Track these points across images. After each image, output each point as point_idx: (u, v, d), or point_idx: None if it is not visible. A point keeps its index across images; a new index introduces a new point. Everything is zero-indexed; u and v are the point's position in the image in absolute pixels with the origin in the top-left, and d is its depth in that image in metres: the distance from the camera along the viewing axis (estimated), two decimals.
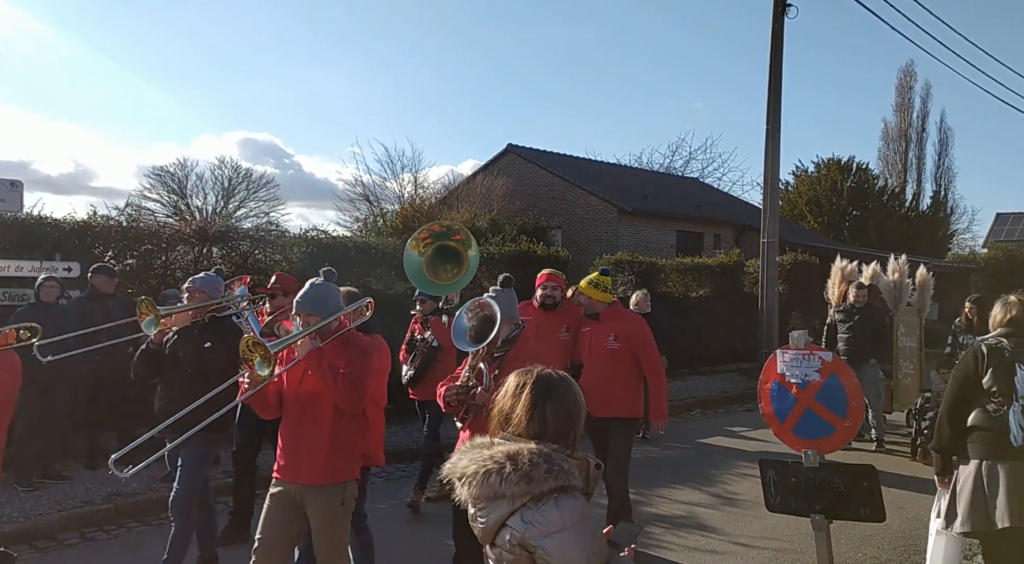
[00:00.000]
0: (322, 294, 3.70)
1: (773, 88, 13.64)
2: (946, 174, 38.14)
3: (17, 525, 5.69)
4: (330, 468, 3.59)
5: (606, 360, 5.24)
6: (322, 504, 3.59)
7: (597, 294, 5.35)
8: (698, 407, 11.69)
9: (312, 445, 3.60)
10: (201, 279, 4.76)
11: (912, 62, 38.29)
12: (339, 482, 3.63)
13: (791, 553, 5.43)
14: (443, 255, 5.03)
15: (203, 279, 4.77)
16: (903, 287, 9.90)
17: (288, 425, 3.71)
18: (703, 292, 15.58)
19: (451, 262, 5.03)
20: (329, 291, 3.75)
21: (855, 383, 3.88)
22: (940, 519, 4.00)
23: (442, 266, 5.03)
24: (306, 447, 3.61)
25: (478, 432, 3.79)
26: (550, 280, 5.66)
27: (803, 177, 34.67)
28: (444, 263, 5.03)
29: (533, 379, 2.12)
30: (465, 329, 3.85)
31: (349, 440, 3.68)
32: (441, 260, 5.03)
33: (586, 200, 22.06)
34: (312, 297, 3.67)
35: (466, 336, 3.84)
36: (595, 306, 5.37)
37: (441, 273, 5.04)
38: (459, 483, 2.00)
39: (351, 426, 3.69)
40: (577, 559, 1.90)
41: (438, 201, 23.71)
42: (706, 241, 23.23)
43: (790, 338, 4.08)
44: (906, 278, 10.00)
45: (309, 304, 3.64)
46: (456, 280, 5.03)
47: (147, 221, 11.94)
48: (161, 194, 30.90)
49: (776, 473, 3.90)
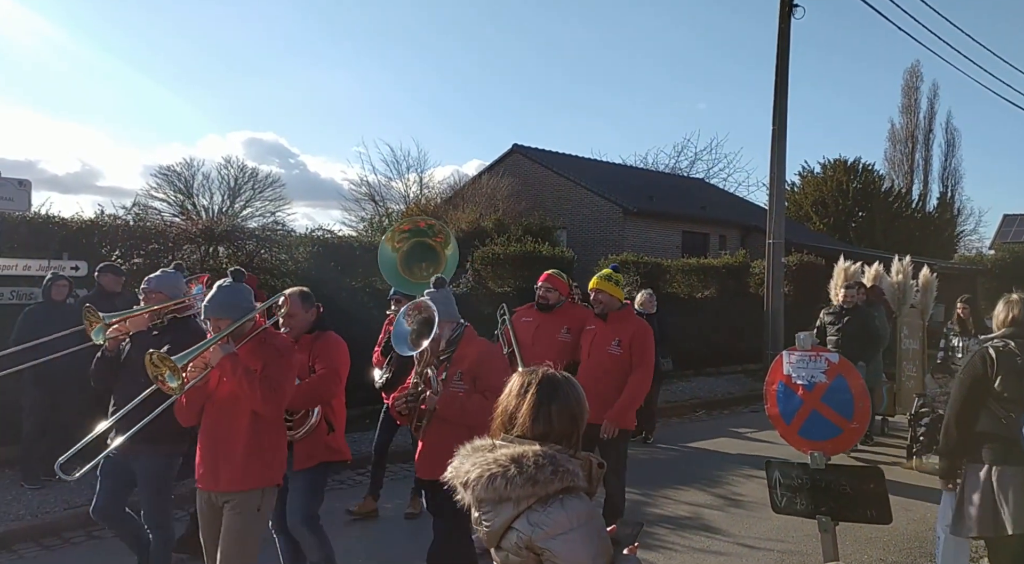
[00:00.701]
0: (232, 296, 3.57)
1: (779, 89, 13.61)
2: (953, 175, 38.08)
3: (25, 523, 5.72)
4: (247, 474, 3.52)
5: (605, 363, 5.14)
6: (237, 509, 3.52)
7: (615, 289, 5.29)
8: (703, 408, 11.67)
9: (229, 451, 3.52)
10: (157, 278, 4.40)
11: (919, 63, 38.27)
12: (257, 488, 3.55)
13: (796, 555, 5.42)
14: (419, 252, 4.87)
15: (159, 278, 4.40)
16: (907, 288, 9.85)
17: (205, 432, 3.62)
18: (708, 293, 15.56)
19: (427, 260, 4.87)
20: (239, 293, 3.60)
21: (862, 385, 3.88)
22: (948, 523, 3.98)
23: (417, 264, 4.88)
24: (223, 454, 3.53)
25: (433, 439, 3.82)
26: (547, 281, 5.57)
27: (809, 178, 34.59)
28: (419, 261, 4.88)
29: (538, 379, 2.11)
30: (406, 333, 3.80)
31: (268, 445, 3.59)
32: (417, 257, 4.88)
33: (591, 200, 22.04)
34: (221, 301, 3.54)
35: (408, 340, 3.78)
36: (612, 304, 5.28)
37: (416, 271, 4.88)
38: (462, 487, 2.00)
39: (271, 431, 3.59)
40: (584, 559, 1.91)
41: (444, 201, 23.74)
42: (711, 242, 23.18)
43: (796, 340, 4.07)
44: (910, 279, 9.94)
45: (218, 308, 3.52)
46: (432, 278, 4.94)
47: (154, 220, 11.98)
48: (168, 193, 31.07)
49: (782, 474, 3.90)
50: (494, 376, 3.80)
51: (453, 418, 3.77)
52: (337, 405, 4.32)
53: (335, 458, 4.30)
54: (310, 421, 4.15)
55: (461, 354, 3.89)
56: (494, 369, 3.87)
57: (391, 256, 4.85)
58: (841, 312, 8.67)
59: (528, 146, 24.55)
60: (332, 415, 4.27)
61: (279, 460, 3.70)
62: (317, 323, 4.31)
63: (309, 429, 4.14)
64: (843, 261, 10.22)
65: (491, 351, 4.09)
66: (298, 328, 4.22)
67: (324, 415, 4.21)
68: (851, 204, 32.72)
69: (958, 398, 3.83)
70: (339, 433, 4.33)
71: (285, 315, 4.18)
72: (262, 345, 3.62)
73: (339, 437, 4.33)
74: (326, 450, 4.23)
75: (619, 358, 5.13)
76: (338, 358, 4.22)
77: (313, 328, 4.29)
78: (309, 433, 4.14)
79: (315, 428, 4.16)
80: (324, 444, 4.22)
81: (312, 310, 4.28)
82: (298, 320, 4.21)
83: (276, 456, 3.66)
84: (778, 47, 13.62)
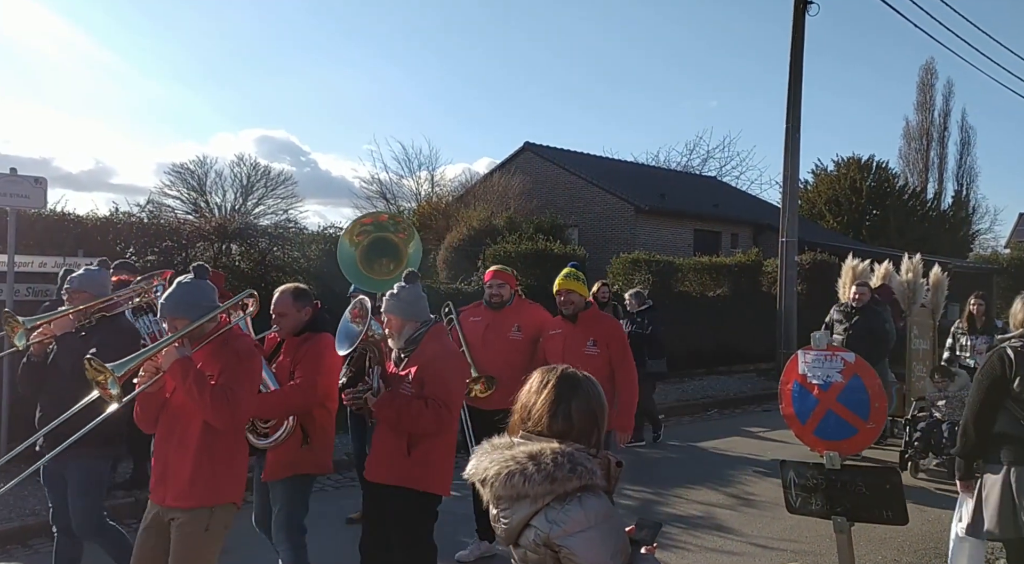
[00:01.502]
0: (190, 294, 3.26)
1: (793, 86, 13.53)
2: (968, 173, 37.75)
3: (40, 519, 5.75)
4: (194, 490, 3.20)
5: (584, 366, 4.87)
6: (183, 528, 3.21)
7: (583, 287, 5.09)
8: (715, 407, 11.63)
9: (178, 464, 3.22)
10: (80, 277, 4.08)
11: (933, 59, 37.88)
12: (206, 506, 3.22)
13: (810, 555, 5.39)
14: (379, 248, 4.66)
15: (83, 276, 4.08)
16: (917, 287, 9.59)
17: (158, 441, 3.36)
18: (721, 291, 15.51)
19: (388, 256, 4.67)
20: (198, 290, 3.30)
21: (878, 385, 3.84)
22: (963, 524, 3.94)
23: (378, 260, 4.67)
24: (173, 466, 3.24)
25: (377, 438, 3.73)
26: (496, 278, 5.25)
27: (822, 176, 34.35)
28: (380, 257, 4.66)
29: (557, 376, 2.11)
30: (355, 333, 3.70)
31: (221, 459, 3.25)
32: (377, 253, 4.66)
33: (603, 198, 22.01)
34: (178, 298, 3.23)
35: (350, 340, 3.69)
36: (580, 303, 5.06)
37: (377, 267, 4.67)
38: (480, 484, 2.00)
39: (226, 443, 3.27)
40: (603, 557, 1.90)
41: (455, 199, 23.77)
42: (724, 240, 23.11)
43: (811, 339, 4.05)
44: (920, 278, 9.69)
45: (174, 306, 3.22)
46: (393, 275, 4.62)
47: (168, 218, 12.07)
48: (181, 191, 31.33)
49: (797, 475, 3.87)
50: (438, 384, 3.64)
51: (387, 420, 3.65)
52: (320, 414, 3.96)
53: (310, 471, 3.98)
54: (283, 430, 3.83)
55: (418, 354, 3.73)
56: (440, 376, 3.66)
57: (350, 252, 4.62)
58: (851, 311, 8.42)
59: (540, 144, 24.55)
60: (311, 425, 3.91)
61: (235, 476, 3.35)
62: (311, 324, 3.99)
63: (280, 439, 3.83)
64: (851, 259, 9.99)
65: (444, 356, 3.80)
66: (288, 328, 3.95)
67: (301, 424, 3.88)
68: (865, 202, 32.48)
69: (976, 398, 3.78)
70: (321, 444, 3.97)
71: (276, 314, 3.94)
72: (223, 348, 3.30)
73: (320, 448, 3.97)
74: (300, 462, 3.90)
75: (597, 358, 4.85)
76: (320, 366, 3.87)
77: (305, 329, 3.97)
78: (280, 443, 3.83)
79: (288, 438, 3.84)
80: (299, 455, 3.88)
81: (306, 310, 3.97)
82: (289, 320, 3.94)
83: (231, 471, 3.32)
84: (792, 45, 13.54)
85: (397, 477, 3.67)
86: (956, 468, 3.99)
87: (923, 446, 7.43)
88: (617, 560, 1.93)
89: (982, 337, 7.96)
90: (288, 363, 3.93)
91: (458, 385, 3.88)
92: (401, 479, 3.66)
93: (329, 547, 4.98)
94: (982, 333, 7.98)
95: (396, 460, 3.67)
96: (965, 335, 8.11)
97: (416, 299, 3.80)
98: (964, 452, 3.87)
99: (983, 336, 7.95)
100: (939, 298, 10.04)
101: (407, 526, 3.72)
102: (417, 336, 3.76)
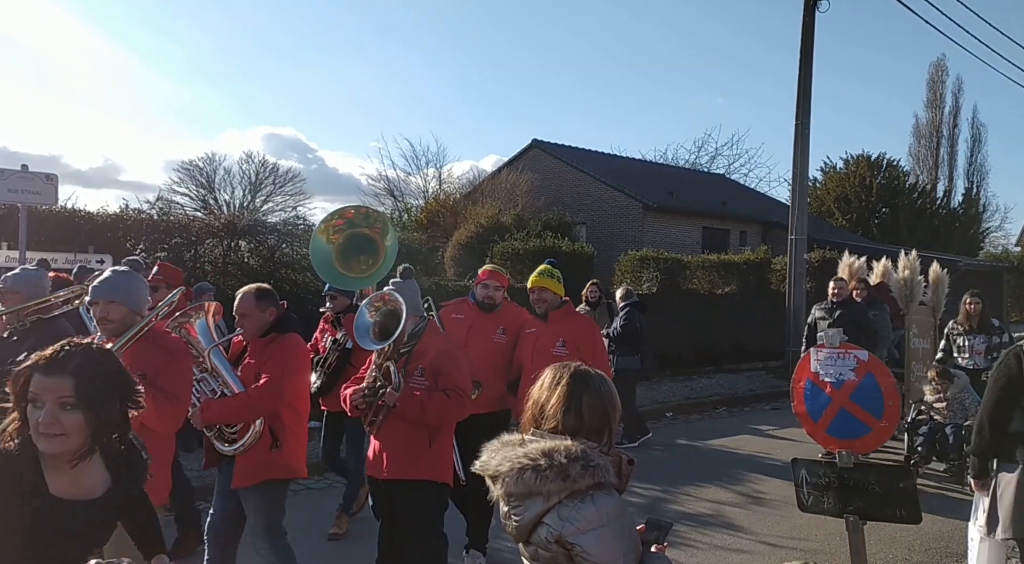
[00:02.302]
0: (125, 283, 3.11)
1: (803, 83, 13.46)
2: (978, 171, 37.58)
3: None
4: None
5: None
6: None
7: (557, 285, 4.85)
8: (724, 405, 11.60)
9: None
10: (14, 276, 3.88)
11: (944, 56, 37.77)
12: None
13: (821, 554, 5.36)
14: (356, 244, 4.48)
15: (17, 276, 3.89)
16: (914, 285, 9.27)
17: None
18: (729, 289, 15.47)
19: (365, 253, 4.49)
20: (132, 282, 3.15)
21: (892, 383, 3.82)
22: (980, 524, 3.91)
23: (355, 257, 4.50)
24: None
25: (391, 437, 3.68)
26: (492, 278, 4.96)
27: (832, 174, 34.23)
28: (357, 254, 4.49)
29: (570, 373, 2.11)
30: (368, 325, 3.63)
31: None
32: (354, 250, 4.49)
33: (611, 196, 21.97)
34: (115, 282, 3.10)
35: (370, 333, 3.63)
36: (554, 301, 4.85)
37: (354, 265, 4.50)
38: (491, 481, 2.00)
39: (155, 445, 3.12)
40: (615, 555, 1.90)
41: (463, 196, 23.77)
42: (732, 238, 23.03)
43: (824, 337, 4.02)
44: (918, 275, 9.35)
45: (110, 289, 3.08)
46: (371, 272, 4.49)
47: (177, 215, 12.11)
48: (190, 188, 31.45)
49: (809, 473, 3.85)
50: (457, 374, 3.69)
51: (412, 416, 3.62)
52: (288, 416, 3.77)
53: (282, 476, 3.79)
54: (250, 434, 3.66)
55: (422, 348, 3.72)
56: (455, 365, 3.70)
57: (326, 249, 4.45)
58: (832, 307, 8.15)
59: (548, 141, 24.52)
60: (280, 427, 3.72)
61: (160, 479, 3.19)
62: (276, 324, 3.78)
63: (248, 444, 3.66)
64: (847, 256, 9.77)
65: (453, 347, 3.85)
66: (252, 329, 3.75)
67: (269, 427, 3.69)
68: (874, 200, 32.35)
69: (991, 397, 3.75)
70: (292, 447, 3.79)
71: (238, 315, 3.75)
72: (151, 346, 3.15)
73: (290, 452, 3.78)
74: (271, 466, 3.71)
75: (565, 359, 4.65)
76: (286, 366, 3.70)
77: (270, 330, 3.77)
78: (248, 448, 3.66)
79: (257, 442, 3.67)
80: (268, 460, 3.69)
81: (271, 310, 3.77)
82: (253, 321, 3.73)
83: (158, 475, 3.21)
84: (802, 41, 13.47)
85: (421, 471, 3.68)
86: (971, 467, 3.96)
87: (927, 451, 7.11)
88: (629, 558, 1.93)
89: (979, 337, 7.63)
90: (254, 365, 3.75)
91: (468, 373, 3.90)
92: (424, 472, 3.69)
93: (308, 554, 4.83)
94: (979, 333, 7.65)
95: (417, 454, 3.68)
96: (961, 335, 7.72)
97: (417, 293, 3.82)
98: (979, 451, 3.85)
99: (980, 336, 7.63)
100: (940, 296, 9.71)
101: (423, 518, 3.74)
102: (417, 331, 3.77)
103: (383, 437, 3.78)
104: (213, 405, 3.61)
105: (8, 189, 7.09)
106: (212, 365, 3.71)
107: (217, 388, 3.68)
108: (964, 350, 7.69)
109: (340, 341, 5.41)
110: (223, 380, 3.69)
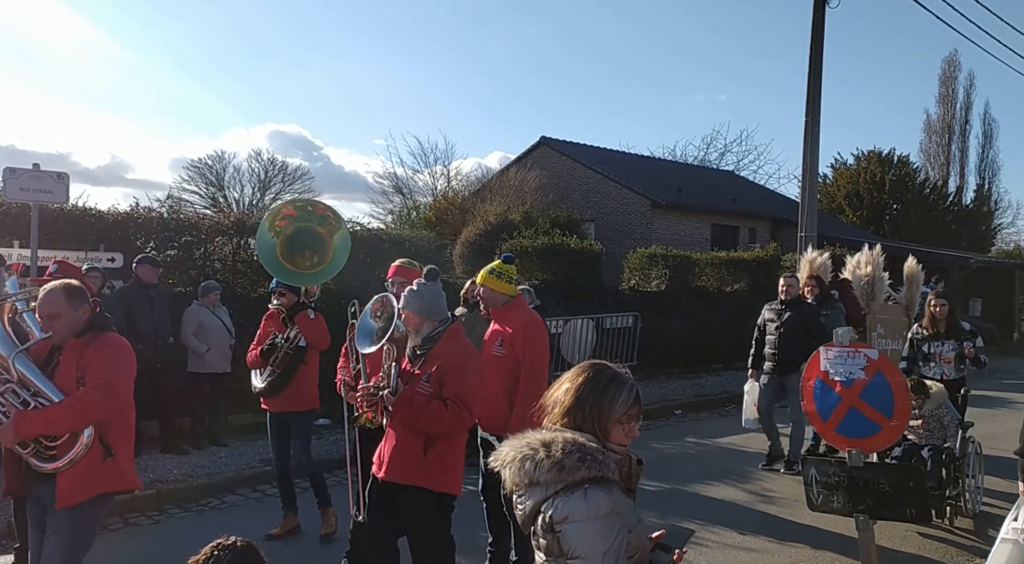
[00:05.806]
0: None
1: (813, 79, 13.39)
2: (990, 167, 37.20)
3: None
4: None
5: (492, 369, 4.35)
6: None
7: (500, 285, 4.48)
8: (732, 403, 11.53)
9: None
10: None
11: (956, 51, 37.35)
12: None
13: (829, 552, 5.35)
14: (302, 240, 4.33)
15: None
16: (876, 281, 8.65)
17: None
18: (738, 286, 15.41)
19: (311, 248, 4.35)
20: None
21: (902, 382, 3.81)
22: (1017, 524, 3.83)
23: (300, 252, 4.36)
24: None
25: (392, 437, 3.67)
26: (398, 275, 4.72)
27: (842, 170, 34.01)
28: (303, 249, 4.35)
29: (580, 371, 2.17)
30: (372, 330, 3.62)
31: None
32: (299, 245, 4.34)
33: (619, 193, 21.91)
34: None
35: (372, 337, 3.62)
36: (496, 301, 4.53)
37: (299, 260, 4.36)
38: (503, 470, 2.09)
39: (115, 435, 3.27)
40: (594, 551, 1.95)
41: (471, 194, 23.77)
42: (741, 235, 22.93)
43: (834, 335, 4.01)
44: (881, 271, 8.74)
45: None
46: (319, 270, 4.36)
47: (187, 213, 12.17)
48: (199, 186, 31.58)
49: (819, 472, 3.84)
50: (459, 385, 3.57)
51: (406, 421, 3.59)
52: (120, 423, 3.49)
53: (117, 488, 3.50)
54: (80, 446, 3.33)
55: (435, 354, 3.64)
56: (461, 376, 3.58)
57: (270, 242, 4.24)
58: (781, 307, 7.52)
59: (556, 138, 24.46)
60: (110, 435, 3.41)
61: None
62: (91, 323, 3.48)
63: (78, 457, 3.32)
64: (810, 251, 8.93)
65: (463, 356, 3.70)
66: (63, 331, 3.41)
67: (99, 436, 3.38)
68: (885, 197, 32.12)
69: None
70: (124, 456, 3.51)
71: (46, 316, 3.41)
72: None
73: (124, 460, 3.51)
74: (103, 479, 3.40)
75: (503, 359, 4.40)
76: (115, 366, 3.42)
77: (86, 329, 3.46)
78: (76, 461, 3.32)
79: (85, 454, 3.34)
80: (100, 472, 3.38)
81: (83, 308, 3.46)
82: (63, 321, 3.40)
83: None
84: (812, 37, 13.40)
85: (412, 477, 3.63)
86: (1019, 469, 3.90)
87: None
88: (609, 559, 1.95)
89: (948, 343, 6.58)
90: (74, 369, 3.39)
91: (477, 386, 3.79)
92: (416, 479, 3.62)
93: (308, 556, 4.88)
94: (947, 338, 6.60)
95: (411, 460, 3.63)
96: (927, 341, 6.66)
97: (435, 297, 3.73)
98: None
99: (949, 342, 6.58)
100: (914, 292, 9.07)
101: (422, 524, 3.71)
102: (435, 335, 3.70)
103: (389, 438, 3.79)
104: (30, 417, 3.26)
105: (20, 188, 7.13)
106: (18, 374, 3.36)
107: (29, 399, 3.33)
108: (933, 358, 6.64)
109: (292, 339, 5.18)
110: (36, 389, 3.35)
